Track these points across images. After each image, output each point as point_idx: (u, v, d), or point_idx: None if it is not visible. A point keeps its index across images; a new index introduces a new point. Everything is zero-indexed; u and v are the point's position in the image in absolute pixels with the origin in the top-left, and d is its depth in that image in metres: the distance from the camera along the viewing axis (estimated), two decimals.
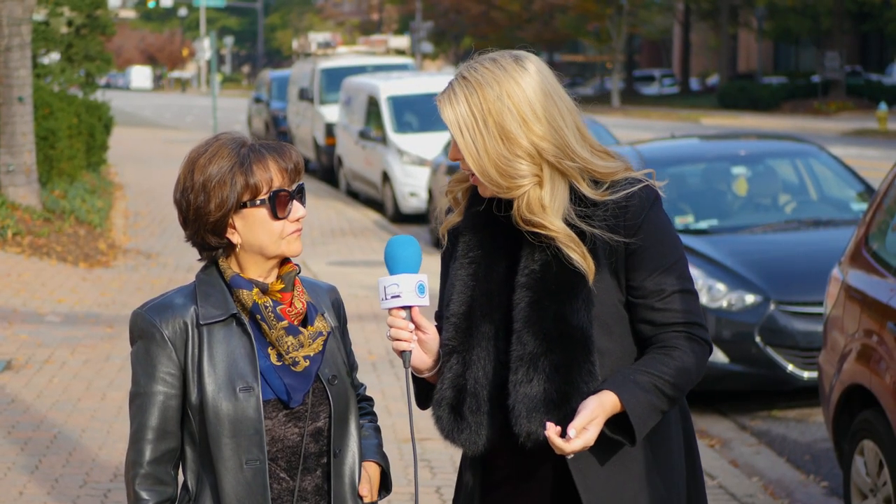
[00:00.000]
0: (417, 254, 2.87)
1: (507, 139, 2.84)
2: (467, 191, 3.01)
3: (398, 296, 2.83)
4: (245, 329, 2.91)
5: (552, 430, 2.75)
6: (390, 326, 2.87)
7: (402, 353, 2.86)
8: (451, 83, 2.91)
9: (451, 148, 2.93)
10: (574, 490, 2.91)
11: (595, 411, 2.76)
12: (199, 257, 2.99)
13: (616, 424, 2.82)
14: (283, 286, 2.94)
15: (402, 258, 2.86)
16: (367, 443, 3.08)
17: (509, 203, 2.91)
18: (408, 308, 2.85)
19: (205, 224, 2.90)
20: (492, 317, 2.93)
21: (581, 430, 2.74)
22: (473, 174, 2.90)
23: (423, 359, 2.92)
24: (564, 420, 2.80)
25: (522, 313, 2.87)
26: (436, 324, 3.11)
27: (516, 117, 2.84)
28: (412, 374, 2.96)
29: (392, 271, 2.86)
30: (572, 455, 2.80)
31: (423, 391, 3.02)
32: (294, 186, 2.92)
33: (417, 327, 2.87)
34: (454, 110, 2.86)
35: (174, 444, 2.94)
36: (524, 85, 2.86)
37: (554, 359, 2.84)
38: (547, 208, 2.86)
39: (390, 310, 2.86)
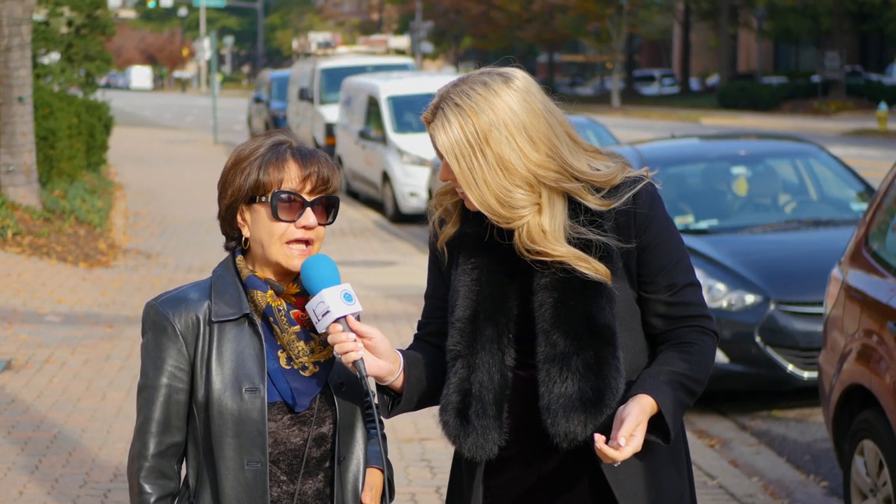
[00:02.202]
0: (332, 267, 2.86)
1: (506, 169, 2.82)
2: (458, 201, 3.00)
3: (328, 311, 2.81)
4: (256, 330, 2.91)
5: (601, 441, 2.75)
6: (332, 344, 2.83)
7: (355, 363, 2.83)
8: (440, 108, 2.85)
9: (442, 170, 2.91)
10: (594, 488, 2.93)
11: (639, 417, 2.78)
12: (200, 259, 3.00)
13: (649, 424, 2.84)
14: (298, 290, 2.93)
15: (319, 277, 2.84)
16: (371, 449, 3.07)
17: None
18: (342, 320, 2.82)
19: (220, 208, 2.95)
20: (496, 320, 2.93)
21: (629, 438, 2.76)
22: (464, 192, 2.88)
23: (379, 364, 2.88)
24: (602, 418, 2.83)
25: (549, 314, 2.87)
26: (416, 332, 3.13)
27: (514, 147, 2.82)
28: (377, 383, 2.95)
29: (314, 292, 2.83)
30: (619, 463, 2.80)
31: (393, 399, 2.99)
32: (314, 196, 2.90)
33: (359, 335, 2.84)
34: (448, 138, 2.82)
35: (179, 439, 2.94)
36: (517, 110, 2.83)
37: (586, 357, 2.85)
38: (548, 233, 2.85)
39: (327, 328, 2.83)
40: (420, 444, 7.14)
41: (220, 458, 2.88)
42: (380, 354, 2.87)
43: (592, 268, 2.85)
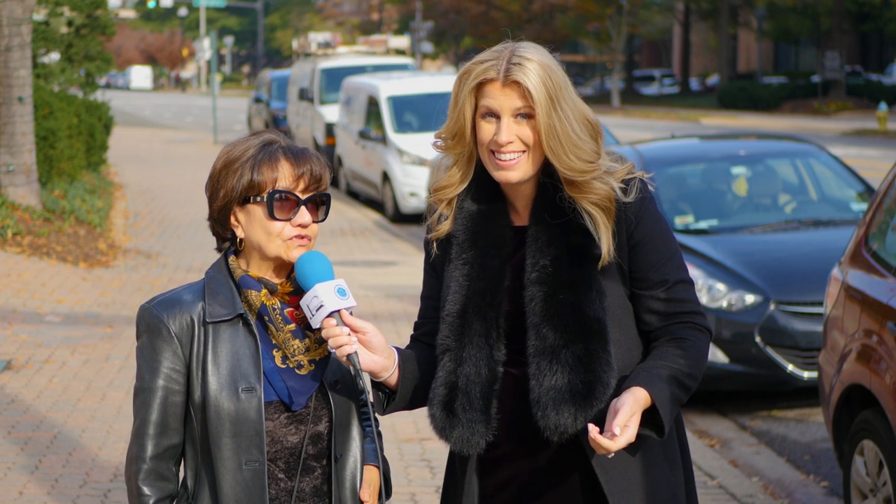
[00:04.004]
0: (325, 263, 2.87)
1: (580, 122, 2.90)
2: (455, 197, 3.02)
3: (322, 305, 2.81)
4: (251, 330, 2.91)
5: (594, 431, 2.77)
6: (327, 338, 2.83)
7: (349, 357, 2.83)
8: (515, 63, 2.86)
9: (508, 129, 2.88)
10: (584, 484, 2.94)
11: (633, 408, 2.80)
12: (200, 259, 3.00)
13: (643, 418, 2.85)
14: (292, 289, 2.94)
15: (313, 272, 2.85)
16: (367, 447, 3.08)
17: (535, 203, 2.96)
18: (336, 314, 2.82)
19: (212, 211, 2.95)
20: (484, 314, 2.95)
21: (623, 428, 2.77)
22: (516, 159, 2.89)
23: (374, 359, 2.89)
24: (592, 411, 2.85)
25: (539, 307, 2.89)
26: (412, 333, 3.15)
27: (579, 103, 2.92)
28: (372, 380, 2.95)
29: (307, 287, 2.84)
30: (613, 454, 2.81)
31: (388, 396, 3.01)
32: (308, 194, 2.91)
33: (353, 329, 2.85)
34: (533, 84, 2.85)
35: (177, 440, 2.94)
36: (565, 76, 2.93)
37: (576, 350, 2.87)
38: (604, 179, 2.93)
39: (322, 323, 2.83)
40: (420, 444, 7.14)
41: (218, 458, 2.88)
42: (374, 349, 2.88)
43: (609, 227, 2.89)
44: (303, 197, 2.90)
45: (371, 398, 2.97)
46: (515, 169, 2.90)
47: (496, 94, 2.88)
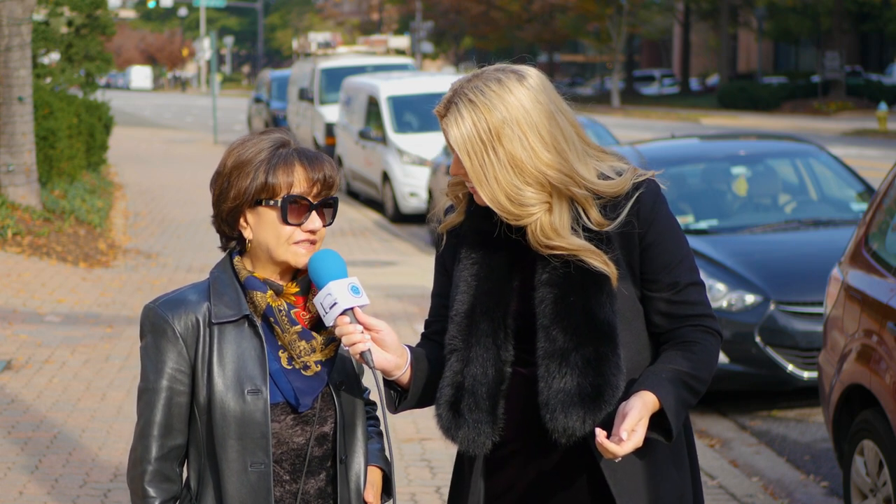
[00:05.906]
0: (339, 261, 2.86)
1: (517, 168, 2.83)
2: (468, 192, 3.01)
3: (335, 303, 2.80)
4: (257, 331, 2.90)
5: (602, 435, 2.76)
6: (340, 336, 2.83)
7: (363, 355, 2.83)
8: (454, 102, 2.86)
9: (454, 165, 2.91)
10: (592, 486, 2.93)
11: (641, 412, 2.78)
12: (200, 259, 2.99)
13: (651, 422, 2.84)
14: (298, 289, 2.93)
15: (326, 269, 2.84)
16: (371, 447, 3.07)
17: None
18: (349, 312, 2.82)
19: (221, 210, 2.93)
20: (492, 314, 2.94)
21: (631, 433, 2.76)
22: (474, 187, 2.89)
23: (387, 357, 2.88)
24: (601, 414, 2.83)
25: (549, 310, 2.88)
26: (423, 331, 3.13)
27: (526, 146, 2.83)
28: (384, 378, 2.95)
29: (321, 285, 2.84)
30: (620, 458, 2.80)
31: (399, 394, 3.00)
32: (319, 198, 2.91)
33: (366, 327, 2.84)
34: (461, 133, 2.83)
35: (181, 441, 2.93)
36: (530, 108, 2.84)
37: (585, 353, 2.85)
38: (559, 231, 2.87)
39: (335, 320, 2.82)
40: (420, 444, 7.14)
41: (223, 459, 2.87)
42: (387, 348, 2.88)
43: (602, 261, 2.86)
44: (315, 202, 2.90)
45: (375, 397, 2.97)
46: (477, 195, 2.91)
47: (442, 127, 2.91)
